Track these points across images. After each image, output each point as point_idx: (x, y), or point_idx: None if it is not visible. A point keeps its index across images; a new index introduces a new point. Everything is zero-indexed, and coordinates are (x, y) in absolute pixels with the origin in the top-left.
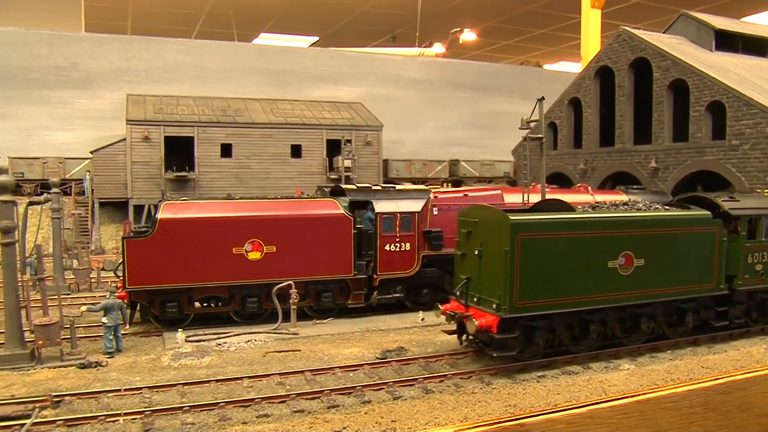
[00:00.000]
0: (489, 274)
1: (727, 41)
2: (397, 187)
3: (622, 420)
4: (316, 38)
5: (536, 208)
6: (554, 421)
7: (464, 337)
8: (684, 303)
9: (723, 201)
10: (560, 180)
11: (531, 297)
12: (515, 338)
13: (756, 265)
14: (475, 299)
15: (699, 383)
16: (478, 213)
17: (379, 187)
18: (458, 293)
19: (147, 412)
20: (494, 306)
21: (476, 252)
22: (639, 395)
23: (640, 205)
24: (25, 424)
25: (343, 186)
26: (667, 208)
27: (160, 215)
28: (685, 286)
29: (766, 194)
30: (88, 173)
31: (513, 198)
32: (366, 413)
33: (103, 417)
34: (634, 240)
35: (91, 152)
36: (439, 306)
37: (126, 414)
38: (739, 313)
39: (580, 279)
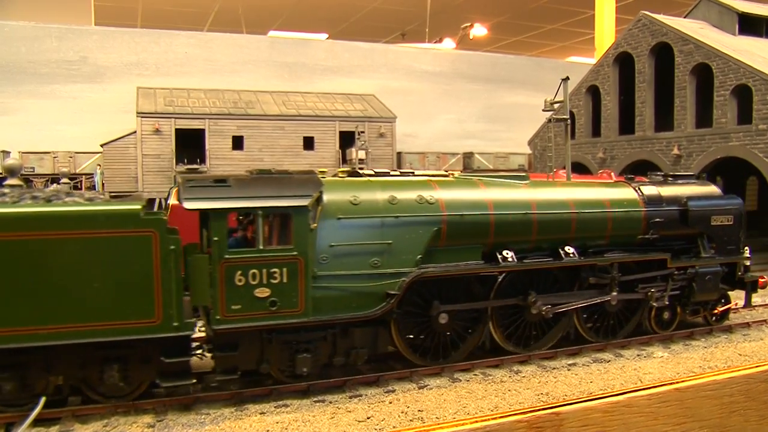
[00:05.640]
0: None
1: (751, 25)
2: (416, 172)
3: (660, 408)
4: (325, 36)
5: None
6: (591, 409)
7: None
8: (102, 351)
9: (191, 186)
10: (579, 170)
11: None
12: None
13: (257, 288)
14: None
15: (739, 371)
16: None
17: (398, 173)
18: None
19: (160, 402)
20: None
21: None
22: (678, 383)
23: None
24: (30, 413)
25: (361, 171)
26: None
27: (172, 201)
28: (77, 324)
29: (340, 176)
30: (98, 167)
31: None
32: (391, 402)
33: (113, 406)
34: None
35: (101, 145)
36: None
37: (137, 402)
38: (248, 364)
39: None
